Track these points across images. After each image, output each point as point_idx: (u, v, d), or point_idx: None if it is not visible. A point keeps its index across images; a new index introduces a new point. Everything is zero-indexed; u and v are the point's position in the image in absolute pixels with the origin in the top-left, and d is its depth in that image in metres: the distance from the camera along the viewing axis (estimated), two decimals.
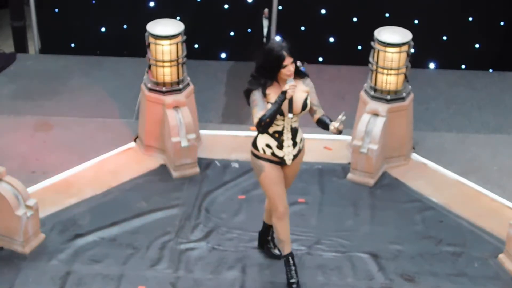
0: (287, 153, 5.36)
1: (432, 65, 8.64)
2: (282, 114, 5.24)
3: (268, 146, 5.35)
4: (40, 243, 6.10)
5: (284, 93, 5.14)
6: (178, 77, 6.84)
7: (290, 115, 5.21)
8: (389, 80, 6.76)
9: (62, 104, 7.76)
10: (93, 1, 8.52)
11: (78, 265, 5.93)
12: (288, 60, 5.14)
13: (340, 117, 5.17)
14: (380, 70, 6.73)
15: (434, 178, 6.89)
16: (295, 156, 5.41)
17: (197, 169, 6.89)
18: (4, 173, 5.97)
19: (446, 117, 7.71)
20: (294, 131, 5.36)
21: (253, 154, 5.41)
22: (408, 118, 6.92)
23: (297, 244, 6.08)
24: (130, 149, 7.14)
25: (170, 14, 7.24)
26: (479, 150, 7.23)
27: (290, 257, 5.64)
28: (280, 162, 5.40)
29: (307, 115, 5.40)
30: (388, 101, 6.78)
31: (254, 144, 5.40)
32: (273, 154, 5.36)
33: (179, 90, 6.87)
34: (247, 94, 5.27)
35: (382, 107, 6.76)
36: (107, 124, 7.44)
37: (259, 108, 5.18)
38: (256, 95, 5.21)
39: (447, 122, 7.65)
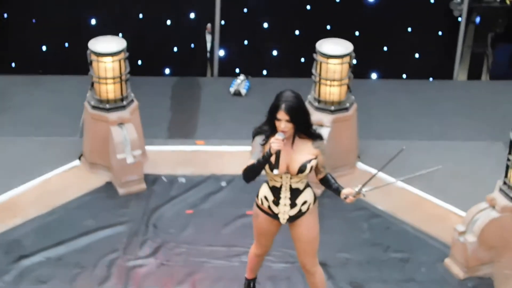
0: (282, 211, 5.07)
1: (374, 75, 8.76)
2: (272, 170, 4.87)
3: (265, 198, 5.11)
4: None
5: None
6: (121, 94, 6.81)
7: (275, 172, 4.84)
8: (332, 91, 6.82)
9: (4, 123, 7.64)
10: (34, 20, 8.42)
11: (24, 286, 5.84)
12: (281, 115, 4.76)
13: (360, 190, 5.00)
14: (323, 81, 6.79)
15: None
16: (294, 218, 5.11)
17: (143, 185, 6.85)
18: None
19: (389, 125, 7.81)
20: (295, 192, 5.03)
21: (255, 201, 5.20)
22: (352, 127, 6.99)
23: (245, 257, 6.07)
24: (75, 168, 7.06)
25: (112, 31, 7.20)
26: (423, 157, 7.31)
27: (251, 282, 5.69)
28: (276, 217, 5.15)
29: None
30: (332, 111, 6.84)
31: (258, 192, 5.16)
32: (269, 207, 5.12)
33: (123, 107, 6.83)
34: (253, 136, 4.97)
35: (326, 118, 6.82)
36: (51, 143, 7.34)
37: (253, 156, 4.86)
38: (256, 141, 4.90)
39: (391, 130, 7.75)
